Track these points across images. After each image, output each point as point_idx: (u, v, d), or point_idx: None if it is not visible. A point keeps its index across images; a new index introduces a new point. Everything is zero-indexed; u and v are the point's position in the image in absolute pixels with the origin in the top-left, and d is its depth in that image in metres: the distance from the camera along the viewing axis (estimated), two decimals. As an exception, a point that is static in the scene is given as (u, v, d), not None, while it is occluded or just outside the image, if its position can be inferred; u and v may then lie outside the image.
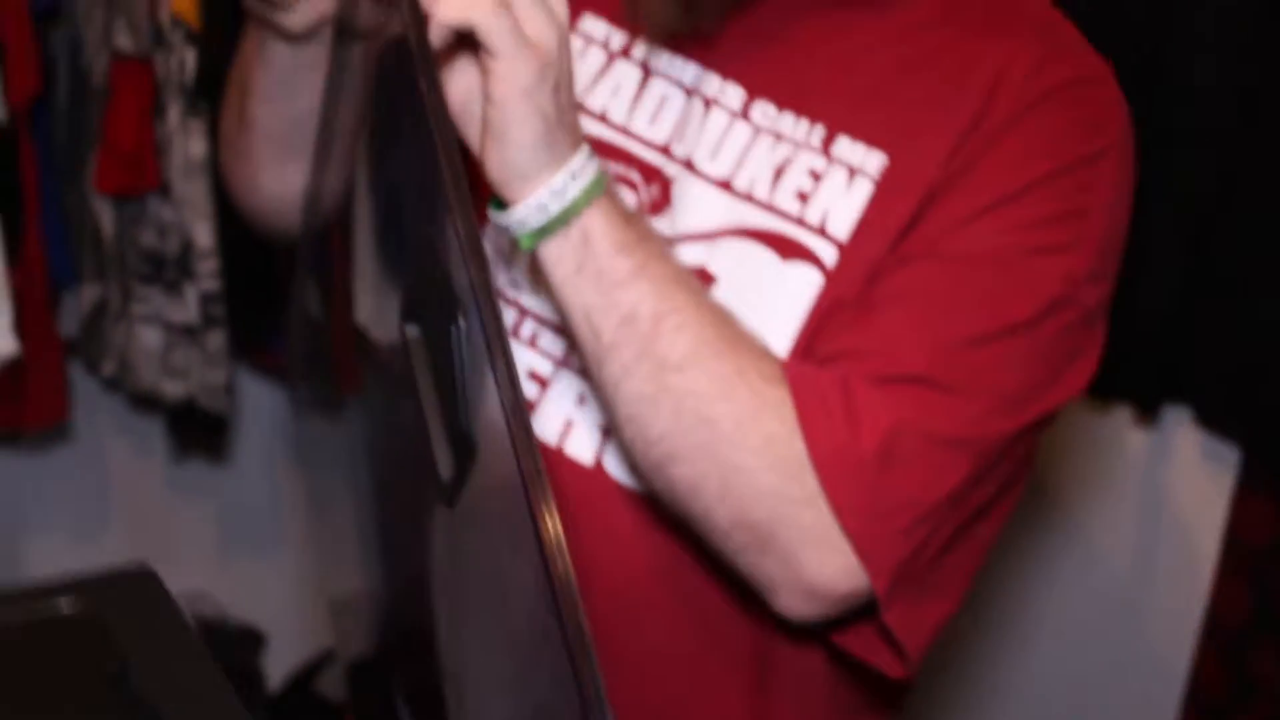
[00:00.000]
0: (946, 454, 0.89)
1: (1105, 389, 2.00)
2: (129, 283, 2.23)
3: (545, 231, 0.85)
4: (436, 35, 0.79)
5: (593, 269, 0.85)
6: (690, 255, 0.97)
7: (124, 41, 2.07)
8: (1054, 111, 0.94)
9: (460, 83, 0.84)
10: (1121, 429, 2.08)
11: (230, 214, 1.20)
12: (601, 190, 0.86)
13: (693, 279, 0.91)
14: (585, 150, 0.85)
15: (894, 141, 0.96)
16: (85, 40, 2.15)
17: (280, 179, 1.08)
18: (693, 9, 0.97)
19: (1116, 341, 1.43)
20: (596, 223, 0.85)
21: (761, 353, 0.90)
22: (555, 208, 0.84)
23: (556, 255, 0.86)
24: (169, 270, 2.20)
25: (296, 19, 0.92)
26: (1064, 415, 0.99)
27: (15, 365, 2.08)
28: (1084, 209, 0.93)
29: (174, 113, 2.09)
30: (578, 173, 0.84)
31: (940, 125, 0.95)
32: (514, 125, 0.81)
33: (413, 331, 0.80)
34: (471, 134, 0.85)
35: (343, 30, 0.92)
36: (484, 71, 0.81)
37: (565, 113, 0.83)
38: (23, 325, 2.08)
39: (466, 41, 0.81)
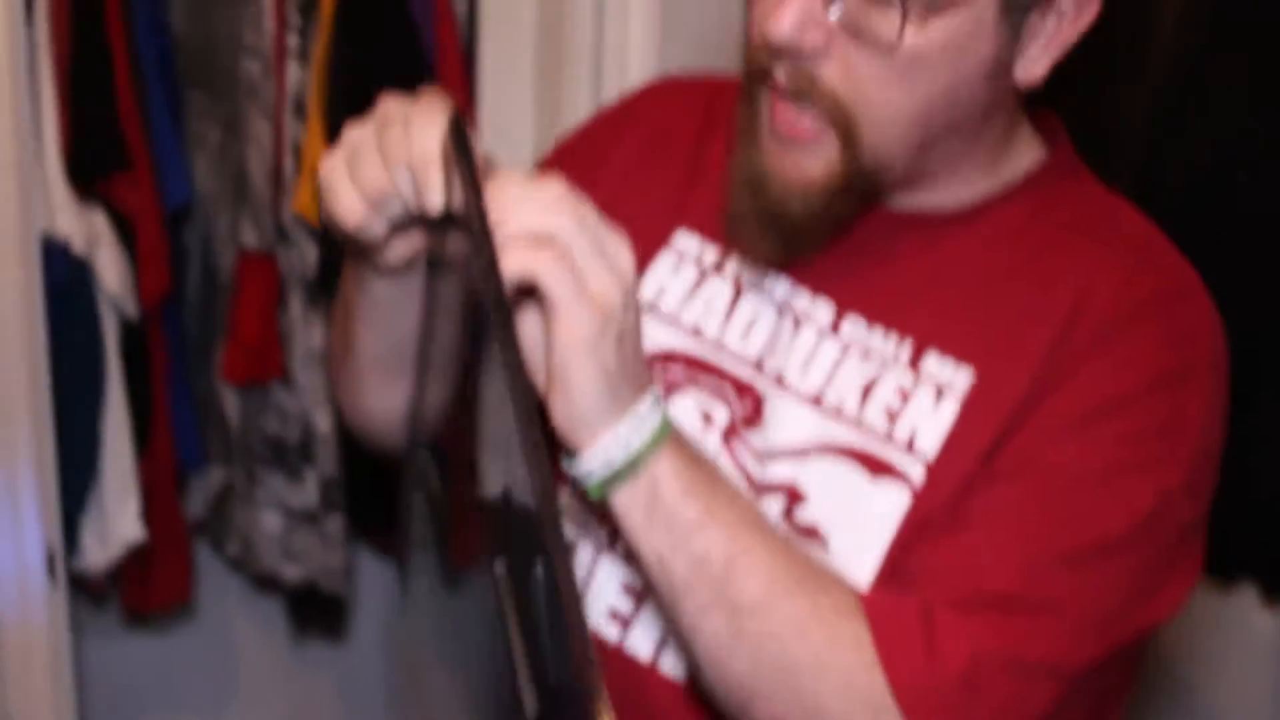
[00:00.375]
0: (1032, 680, 0.88)
1: (1228, 568, 1.94)
2: (253, 467, 2.30)
3: (613, 481, 0.85)
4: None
5: (662, 515, 0.86)
6: (781, 471, 0.98)
7: (250, 238, 2.16)
8: (1143, 325, 0.94)
9: (526, 328, 0.85)
10: (1247, 611, 2.01)
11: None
12: (667, 436, 0.86)
13: (761, 517, 0.91)
14: (651, 397, 0.86)
15: (981, 356, 0.96)
16: (215, 237, 2.25)
17: (385, 399, 1.11)
18: (792, 246, 0.98)
19: (1238, 518, 1.39)
20: (664, 469, 0.85)
21: (835, 585, 0.90)
22: (621, 458, 0.84)
23: (626, 503, 0.86)
24: (290, 456, 2.26)
25: (391, 256, 0.95)
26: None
27: (142, 548, 2.14)
28: (1176, 423, 0.93)
29: (296, 305, 2.17)
30: (642, 421, 0.85)
31: (1027, 339, 0.95)
32: (576, 376, 0.82)
33: (500, 568, 0.82)
34: (538, 379, 0.86)
35: (435, 262, 0.96)
36: (547, 320, 0.82)
37: (629, 363, 0.84)
38: (150, 511, 2.15)
39: (532, 290, 0.83)
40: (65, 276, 1.95)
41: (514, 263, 0.80)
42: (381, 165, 0.87)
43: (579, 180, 1.13)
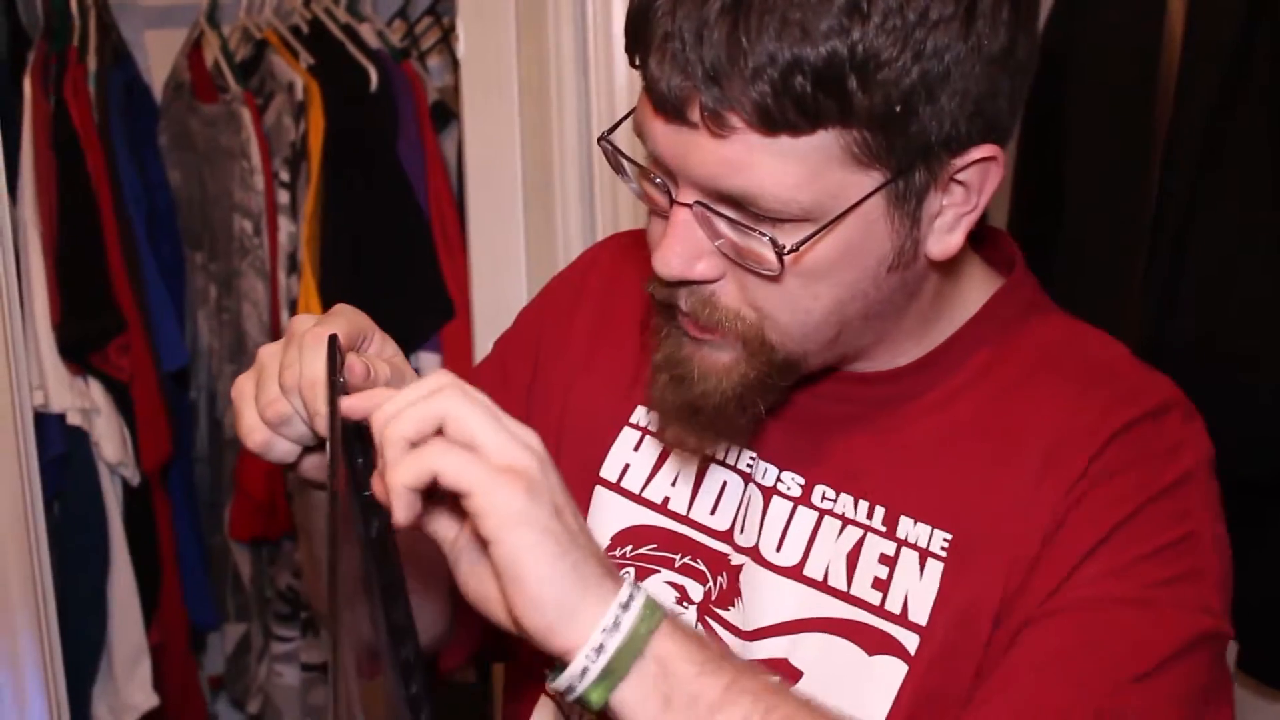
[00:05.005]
0: None
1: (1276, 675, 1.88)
2: (268, 622, 2.27)
3: (613, 674, 0.74)
4: (403, 508, 0.72)
5: (682, 699, 0.75)
6: (770, 649, 0.94)
7: (253, 393, 2.14)
8: (1126, 453, 0.90)
9: (456, 549, 0.77)
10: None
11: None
12: (662, 613, 0.75)
13: (781, 682, 0.84)
14: (627, 578, 0.77)
15: (956, 516, 0.92)
16: (219, 392, 2.24)
17: None
18: (719, 434, 0.94)
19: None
20: (669, 648, 0.75)
21: None
22: (615, 643, 0.74)
23: (637, 697, 0.75)
24: (306, 610, 2.23)
25: (314, 473, 0.92)
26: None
27: (156, 713, 2.11)
28: (1188, 534, 0.89)
29: (302, 458, 2.15)
30: (627, 601, 0.75)
31: (1000, 496, 0.91)
32: (522, 555, 0.72)
33: None
34: (493, 609, 0.77)
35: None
36: (469, 518, 0.74)
37: (579, 534, 0.75)
38: (164, 674, 2.12)
39: (443, 501, 0.76)
40: (63, 448, 1.94)
41: (406, 472, 0.72)
42: (278, 389, 0.85)
43: (536, 364, 1.09)
